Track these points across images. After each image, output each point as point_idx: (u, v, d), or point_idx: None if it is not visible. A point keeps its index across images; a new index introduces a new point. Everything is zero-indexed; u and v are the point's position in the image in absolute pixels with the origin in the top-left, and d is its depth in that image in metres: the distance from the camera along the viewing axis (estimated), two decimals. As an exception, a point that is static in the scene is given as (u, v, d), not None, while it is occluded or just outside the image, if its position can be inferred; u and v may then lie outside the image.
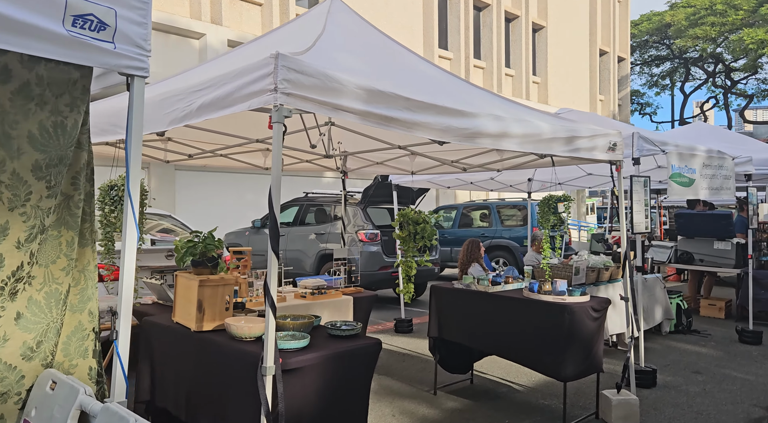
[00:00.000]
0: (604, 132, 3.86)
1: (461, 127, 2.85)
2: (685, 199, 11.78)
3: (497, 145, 3.10)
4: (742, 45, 19.60)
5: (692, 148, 5.85)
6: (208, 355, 2.50)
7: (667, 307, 7.04)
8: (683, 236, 8.59)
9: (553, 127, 3.46)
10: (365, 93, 2.37)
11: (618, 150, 4.02)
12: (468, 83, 3.87)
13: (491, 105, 3.33)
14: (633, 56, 33.06)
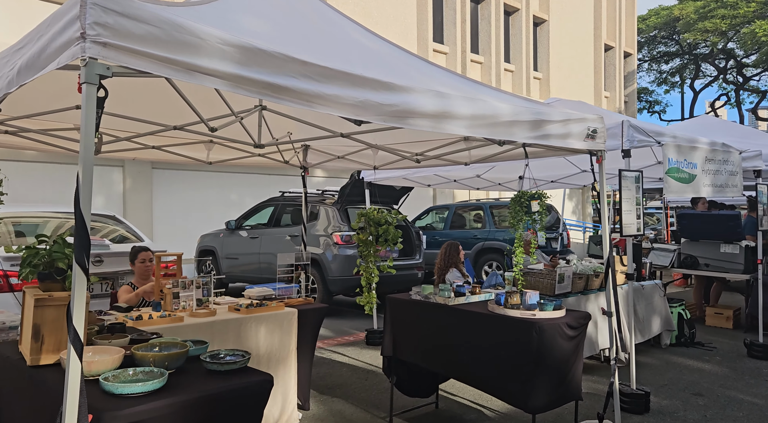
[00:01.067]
0: (579, 116, 3.27)
1: (385, 103, 2.28)
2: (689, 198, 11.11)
3: (438, 128, 2.52)
4: (754, 38, 18.86)
5: (693, 140, 5.24)
6: (39, 400, 1.95)
7: (667, 317, 6.42)
8: (687, 239, 7.96)
9: (515, 109, 2.88)
10: (238, 51, 1.81)
11: (599, 138, 3.43)
12: (420, 59, 3.29)
13: (433, 79, 2.75)
14: (641, 52, 32.32)
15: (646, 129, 4.61)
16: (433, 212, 12.58)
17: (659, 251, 8.25)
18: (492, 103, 2.78)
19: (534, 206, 4.00)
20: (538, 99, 19.22)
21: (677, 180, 4.92)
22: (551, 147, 3.34)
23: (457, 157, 4.37)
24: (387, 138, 4.53)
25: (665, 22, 26.51)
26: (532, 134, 2.98)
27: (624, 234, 4.36)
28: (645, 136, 4.56)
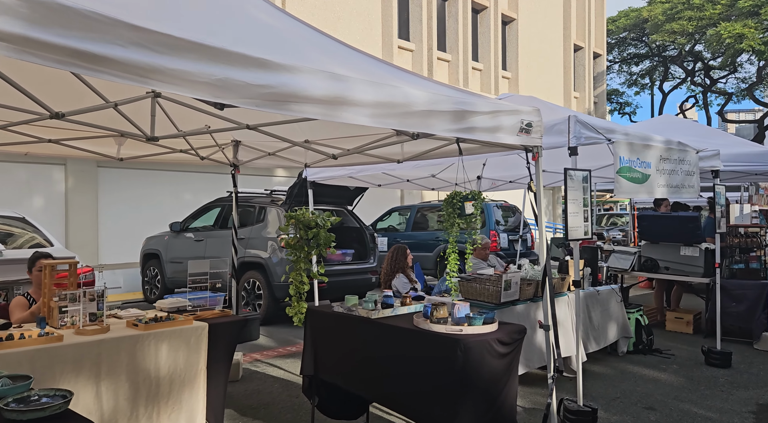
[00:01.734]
0: (511, 108, 2.94)
1: (256, 84, 1.90)
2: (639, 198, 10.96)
3: (332, 116, 2.15)
4: (719, 39, 19.01)
5: (646, 138, 4.98)
6: None
7: (624, 323, 6.18)
8: (647, 241, 7.76)
9: (433, 97, 2.53)
10: (26, 5, 1.41)
11: (534, 132, 3.10)
12: (337, 42, 2.92)
13: (335, 60, 2.38)
14: (611, 54, 32.56)
15: (595, 125, 4.32)
16: (396, 213, 12.24)
17: (620, 254, 8.04)
18: (403, 90, 2.42)
19: (468, 208, 3.67)
20: (506, 98, 19.01)
21: (629, 180, 4.65)
22: (478, 142, 3.00)
23: (389, 153, 4.01)
24: (317, 132, 4.15)
25: (634, 24, 26.69)
26: (454, 126, 2.63)
27: (570, 238, 4.06)
28: (594, 133, 4.27)
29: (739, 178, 9.79)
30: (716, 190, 5.91)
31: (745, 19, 18.95)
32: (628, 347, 6.25)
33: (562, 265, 5.71)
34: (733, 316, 6.90)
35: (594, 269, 6.07)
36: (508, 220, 11.56)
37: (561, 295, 5.31)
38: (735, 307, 6.90)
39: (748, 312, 6.79)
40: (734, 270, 7.12)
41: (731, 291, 6.92)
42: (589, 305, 5.70)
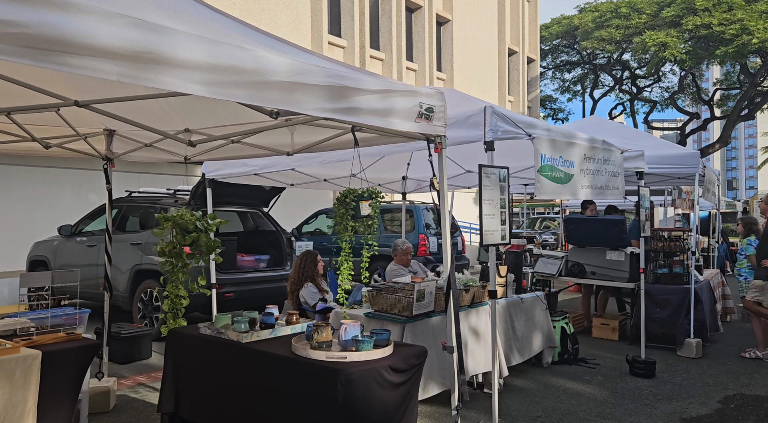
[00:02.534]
0: (407, 88, 2.45)
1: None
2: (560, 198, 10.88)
3: (138, 78, 1.58)
4: (644, 47, 19.64)
5: (570, 135, 4.66)
6: None
7: (549, 332, 5.87)
8: (574, 245, 7.56)
9: (299, 66, 2.00)
10: None
11: (436, 120, 2.63)
12: None
13: (154, 5, 1.79)
14: (545, 61, 33.30)
15: (514, 119, 3.93)
16: (324, 216, 11.64)
17: (547, 259, 7.80)
18: (255, 53, 1.87)
19: (364, 209, 3.16)
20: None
21: (551, 180, 4.29)
22: (372, 128, 2.49)
23: (276, 142, 3.45)
24: (197, 120, 3.53)
25: (566, 31, 27.33)
26: (330, 105, 2.11)
27: (485, 243, 3.64)
28: (512, 127, 3.87)
29: (662, 182, 9.87)
30: (641, 193, 5.71)
31: (668, 29, 19.67)
32: (553, 357, 5.95)
33: (484, 271, 5.32)
34: (658, 322, 6.78)
35: (518, 275, 5.73)
36: (438, 223, 11.24)
37: (482, 305, 4.91)
38: (659, 312, 6.78)
39: (671, 318, 6.68)
40: (658, 275, 7.01)
41: (655, 296, 6.80)
42: (512, 314, 5.35)
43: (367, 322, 4.22)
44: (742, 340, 7.23)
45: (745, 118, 25.33)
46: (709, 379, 5.46)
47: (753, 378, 5.53)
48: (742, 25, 17.95)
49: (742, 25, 17.94)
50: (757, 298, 6.19)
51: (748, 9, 18.74)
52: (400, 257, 6.13)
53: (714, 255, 9.63)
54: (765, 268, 6.13)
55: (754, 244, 6.69)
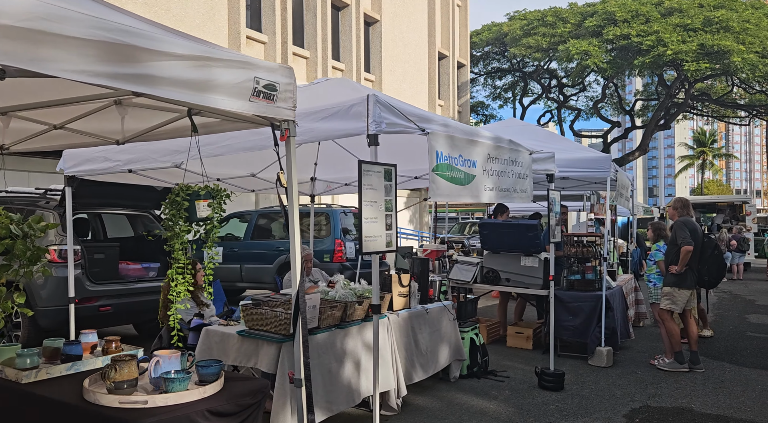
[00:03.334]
0: (238, 59, 1.97)
1: None
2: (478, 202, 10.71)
3: None
4: (568, 55, 20.16)
5: (472, 132, 4.33)
6: None
7: (457, 344, 5.55)
8: (489, 251, 7.33)
9: (47, 8, 1.47)
10: None
11: (282, 100, 2.17)
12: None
13: None
14: (477, 67, 33.82)
15: (404, 111, 3.53)
16: (237, 220, 10.94)
17: (463, 265, 7.53)
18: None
19: (201, 210, 2.65)
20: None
21: (449, 180, 3.94)
22: (215, 112, 1.99)
23: (106, 129, 2.88)
24: (13, 96, 2.89)
25: (496, 38, 27.79)
26: (106, 69, 1.60)
27: (366, 250, 3.22)
28: (402, 120, 3.48)
29: (580, 187, 9.89)
30: (550, 196, 5.50)
31: (591, 38, 20.29)
32: (461, 371, 5.63)
33: (386, 281, 4.91)
34: (570, 330, 6.63)
35: (424, 284, 5.36)
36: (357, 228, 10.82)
37: (380, 318, 4.48)
38: (571, 320, 6.64)
39: (583, 325, 6.54)
40: (572, 281, 6.88)
41: (567, 304, 6.65)
42: (415, 327, 4.97)
43: (240, 343, 3.70)
44: (653, 346, 7.22)
45: (662, 128, 26.59)
46: (617, 390, 5.30)
47: (660, 388, 5.42)
48: (658, 36, 18.73)
49: (657, 37, 18.72)
50: (670, 306, 6.12)
51: (663, 22, 19.59)
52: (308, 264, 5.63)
53: (629, 260, 9.74)
54: (672, 275, 6.08)
55: (663, 250, 6.66)
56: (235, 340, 3.70)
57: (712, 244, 6.16)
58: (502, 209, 8.13)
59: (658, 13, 20.21)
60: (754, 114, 27.94)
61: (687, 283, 6.04)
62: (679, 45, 18.33)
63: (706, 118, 36.05)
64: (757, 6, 22.11)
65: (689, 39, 18.58)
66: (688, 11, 19.95)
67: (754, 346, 7.33)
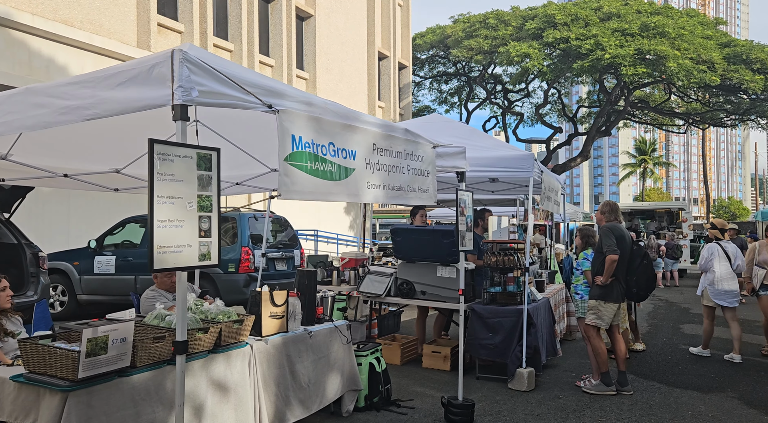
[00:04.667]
0: None
1: None
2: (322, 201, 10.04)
3: None
4: (509, 57, 19.89)
5: (349, 115, 3.55)
6: None
7: (352, 372, 4.74)
8: (403, 260, 6.59)
9: None
10: None
11: None
12: None
13: None
14: (423, 71, 33.48)
15: (236, 77, 2.69)
16: (135, 224, 9.79)
17: (375, 276, 6.76)
18: None
19: None
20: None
21: (312, 173, 3.13)
22: None
23: None
24: None
25: (440, 40, 27.43)
26: None
27: (157, 267, 2.36)
28: (232, 89, 2.64)
29: (510, 190, 9.33)
30: (460, 197, 4.78)
31: (531, 41, 20.10)
32: (357, 403, 4.82)
33: (254, 300, 4.05)
34: (489, 349, 5.95)
35: (310, 301, 4.53)
36: (277, 234, 9.89)
37: (237, 346, 3.62)
38: (491, 338, 5.95)
39: (503, 344, 5.88)
40: (493, 294, 6.21)
41: (486, 319, 5.97)
42: (291, 355, 4.13)
43: (17, 391, 2.76)
44: (581, 363, 6.65)
45: (603, 134, 26.83)
46: (533, 421, 4.62)
47: (583, 416, 4.79)
48: (597, 40, 18.68)
49: (596, 41, 18.66)
50: (595, 321, 5.53)
51: (601, 26, 19.60)
52: (161, 279, 4.71)
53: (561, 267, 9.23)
54: (598, 287, 5.49)
55: (590, 259, 6.09)
56: (11, 388, 2.76)
57: (642, 252, 5.62)
58: (418, 210, 7.40)
59: (597, 17, 20.24)
60: (690, 122, 28.64)
61: (613, 296, 5.47)
62: (617, 49, 18.32)
63: (647, 127, 36.91)
64: (692, 14, 22.56)
65: (627, 43, 18.60)
66: (626, 16, 20.05)
67: (686, 360, 6.87)
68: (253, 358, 3.72)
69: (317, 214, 19.47)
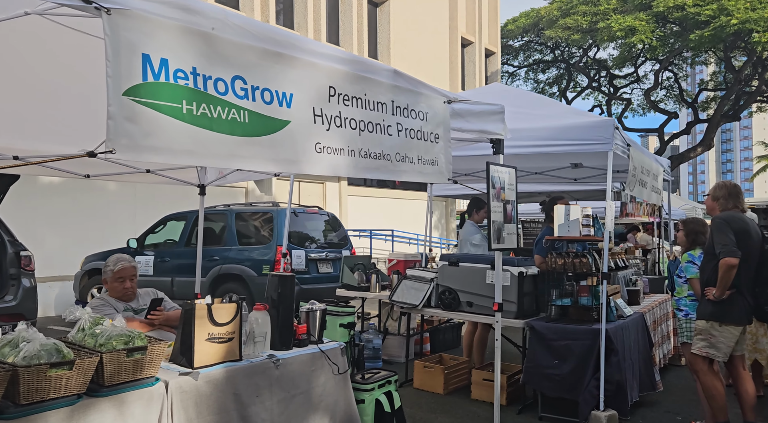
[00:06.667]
0: None
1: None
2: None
3: None
4: (610, 33, 17.61)
5: (278, 39, 2.39)
6: None
7: (348, 414, 3.55)
8: (444, 261, 5.29)
9: None
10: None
11: None
12: None
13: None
14: (517, 60, 31.48)
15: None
16: (176, 222, 9.27)
17: (412, 281, 5.51)
18: None
19: None
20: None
21: (189, 121, 2.01)
22: None
23: None
24: None
25: (534, 23, 25.41)
26: None
27: None
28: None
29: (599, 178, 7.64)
30: (492, 174, 3.43)
31: (637, 12, 17.68)
32: (357, 453, 3.62)
33: (186, 316, 2.97)
34: (554, 381, 4.50)
35: (283, 316, 3.39)
36: (326, 233, 8.91)
37: (133, 387, 2.56)
38: (557, 367, 4.51)
39: (573, 375, 4.41)
40: (561, 308, 4.75)
41: (551, 341, 4.53)
42: (242, 395, 3.02)
43: None
44: (691, 401, 4.97)
45: (730, 119, 23.35)
46: None
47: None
48: (720, 4, 15.95)
49: (719, 5, 15.94)
50: (706, 351, 3.94)
51: (726, -13, 16.80)
52: (111, 284, 3.80)
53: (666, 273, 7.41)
54: (710, 302, 3.88)
55: (699, 262, 4.44)
56: None
57: (777, 252, 3.92)
58: (479, 205, 6.06)
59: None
60: None
61: (733, 316, 3.83)
62: (747, 13, 15.47)
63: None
64: None
65: (760, 5, 15.67)
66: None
67: None
68: (167, 403, 2.64)
69: (399, 214, 18.50)
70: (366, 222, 17.34)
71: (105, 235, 10.36)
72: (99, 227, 10.95)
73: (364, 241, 17.07)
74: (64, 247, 10.38)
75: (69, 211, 10.68)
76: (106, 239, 9.93)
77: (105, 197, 11.33)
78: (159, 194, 11.42)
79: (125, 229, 10.55)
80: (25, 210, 9.61)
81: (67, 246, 10.42)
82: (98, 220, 11.08)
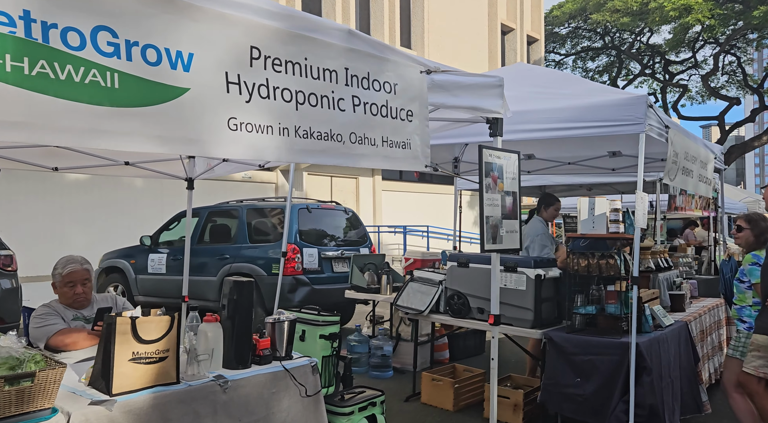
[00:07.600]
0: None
1: None
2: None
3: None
4: (662, 14, 16.38)
5: None
6: None
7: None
8: (452, 261, 4.69)
9: None
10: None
11: None
12: None
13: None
14: (564, 47, 30.18)
15: None
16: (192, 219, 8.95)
17: (419, 284, 4.94)
18: None
19: None
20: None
21: (15, 82, 1.51)
22: None
23: None
24: None
25: (581, 8, 24.16)
26: None
27: None
28: None
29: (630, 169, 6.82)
30: (485, 161, 2.82)
31: (693, -10, 16.39)
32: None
33: (106, 332, 2.52)
34: (576, 402, 3.86)
35: (240, 329, 2.89)
36: (345, 230, 8.42)
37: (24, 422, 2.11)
38: (579, 385, 3.85)
39: (598, 395, 3.76)
40: (583, 317, 4.07)
41: (572, 356, 3.89)
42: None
43: None
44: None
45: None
46: None
47: None
48: (786, -24, 14.53)
49: (786, -23, 14.52)
50: (763, 371, 3.23)
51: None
52: (61, 290, 3.40)
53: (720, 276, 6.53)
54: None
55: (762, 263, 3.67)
56: None
57: None
58: (549, 201, 5.45)
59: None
60: None
61: (797, 333, 3.09)
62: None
63: None
64: None
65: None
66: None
67: None
68: (68, 435, 2.19)
69: (437, 209, 17.88)
70: (402, 217, 16.80)
71: (132, 232, 10.20)
72: (125, 224, 10.85)
73: (399, 237, 16.54)
74: (90, 244, 10.31)
75: (97, 207, 10.61)
76: (135, 236, 9.76)
77: (133, 193, 11.24)
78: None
79: (153, 226, 10.39)
80: (53, 206, 9.56)
81: (94, 243, 10.35)
82: (125, 216, 10.99)
